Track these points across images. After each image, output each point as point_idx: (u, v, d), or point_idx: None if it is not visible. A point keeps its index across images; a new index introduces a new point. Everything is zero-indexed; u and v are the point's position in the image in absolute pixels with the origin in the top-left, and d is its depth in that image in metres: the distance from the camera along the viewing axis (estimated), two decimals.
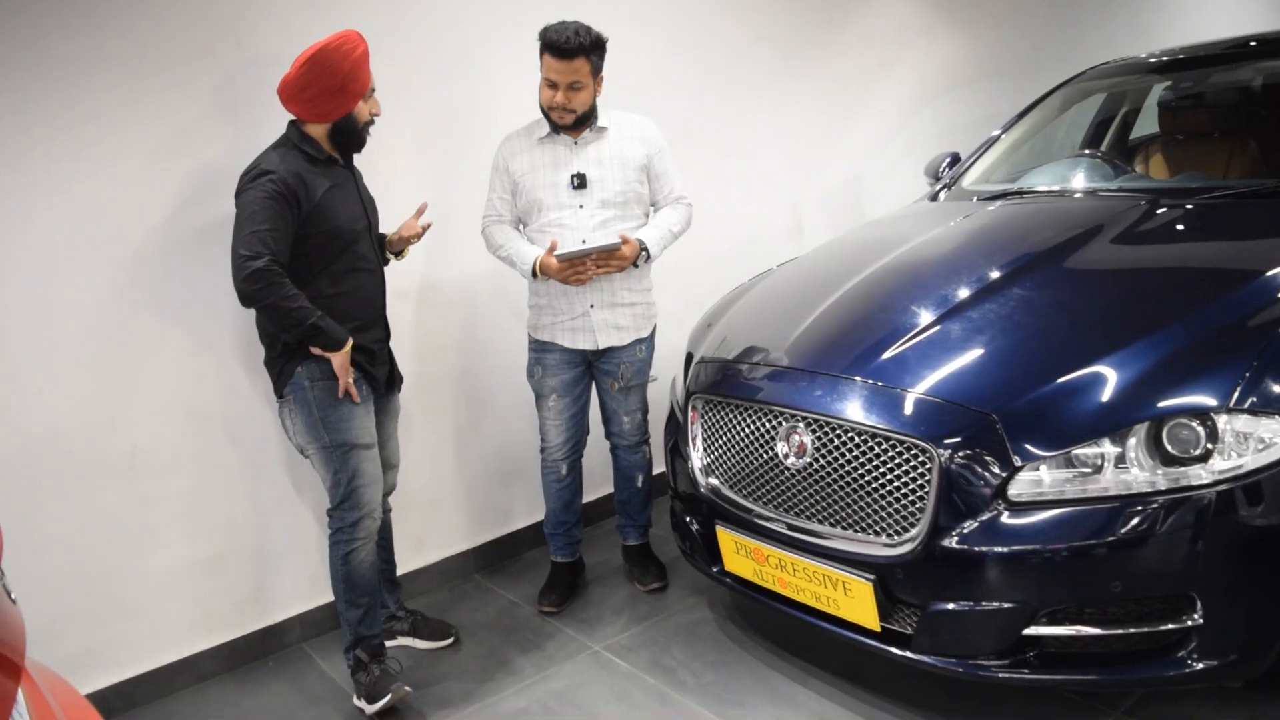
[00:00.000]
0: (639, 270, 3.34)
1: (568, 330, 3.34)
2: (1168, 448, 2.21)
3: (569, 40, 3.05)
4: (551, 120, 3.21)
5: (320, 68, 2.75)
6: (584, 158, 3.25)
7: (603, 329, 3.32)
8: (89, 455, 3.04)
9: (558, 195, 3.24)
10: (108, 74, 2.94)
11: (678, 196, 3.40)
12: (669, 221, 3.35)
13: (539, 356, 3.42)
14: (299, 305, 2.73)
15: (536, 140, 3.27)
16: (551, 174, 3.24)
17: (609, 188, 3.25)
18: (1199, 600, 2.19)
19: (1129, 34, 6.37)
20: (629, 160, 3.27)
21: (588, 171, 3.23)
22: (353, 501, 2.96)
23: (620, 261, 3.21)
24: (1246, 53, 3.79)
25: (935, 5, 5.35)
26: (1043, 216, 3.27)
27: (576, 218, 3.24)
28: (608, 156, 3.26)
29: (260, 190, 2.71)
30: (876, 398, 2.52)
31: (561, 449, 3.48)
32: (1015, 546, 2.26)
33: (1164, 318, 2.47)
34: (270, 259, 2.68)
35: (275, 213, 2.71)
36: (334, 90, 2.79)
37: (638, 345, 3.41)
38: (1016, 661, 2.33)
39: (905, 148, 5.23)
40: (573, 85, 3.12)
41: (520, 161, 3.27)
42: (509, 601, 3.65)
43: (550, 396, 3.42)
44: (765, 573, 2.74)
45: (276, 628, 3.46)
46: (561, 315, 3.33)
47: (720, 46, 4.43)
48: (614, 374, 3.41)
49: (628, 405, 3.48)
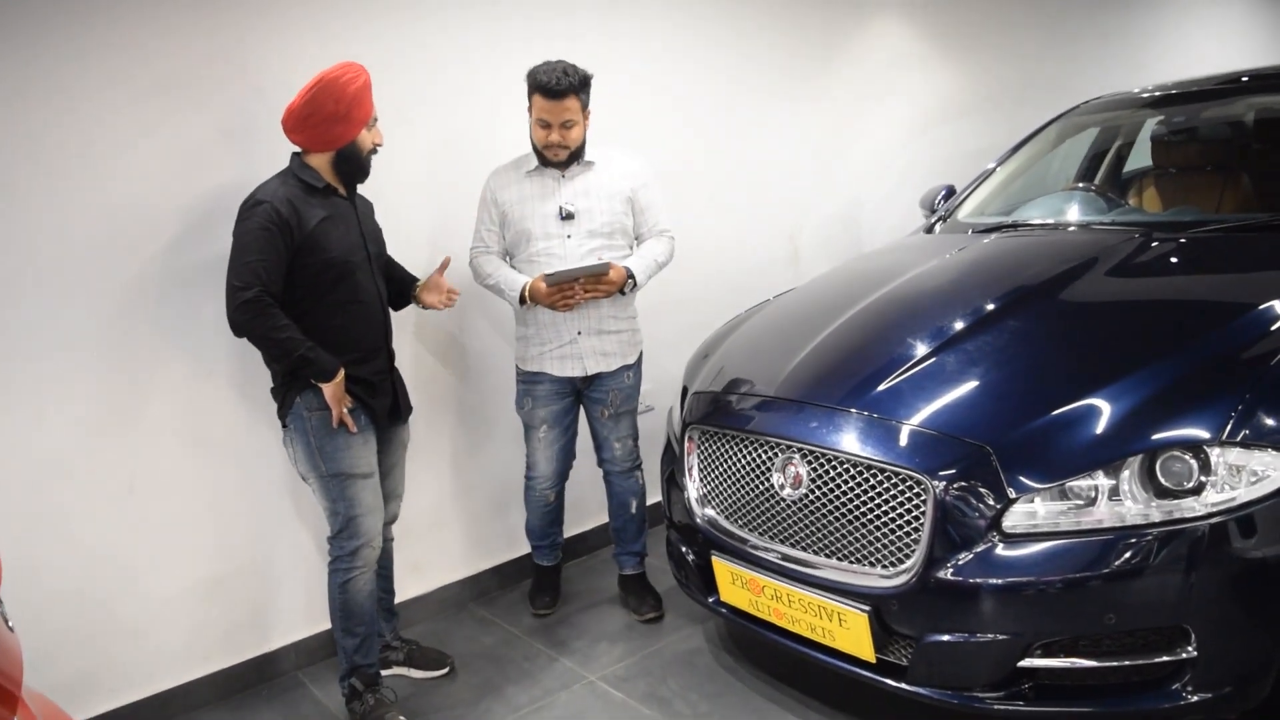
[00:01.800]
0: (625, 298, 3.42)
1: (556, 358, 3.39)
2: (1161, 480, 2.22)
3: (559, 81, 3.15)
4: (543, 156, 3.29)
5: (324, 96, 2.78)
6: (571, 190, 3.33)
7: (590, 355, 3.38)
8: (88, 479, 3.04)
9: (546, 226, 3.31)
10: (112, 100, 2.96)
11: (661, 229, 3.50)
12: (654, 252, 3.44)
13: (529, 388, 3.48)
14: (287, 336, 2.76)
15: (525, 173, 3.35)
16: (540, 205, 3.31)
17: (596, 219, 3.33)
18: (1193, 633, 2.19)
19: (1123, 68, 6.43)
20: (615, 193, 3.36)
21: (575, 203, 3.31)
22: (351, 530, 2.96)
23: (608, 286, 3.28)
24: (1238, 88, 3.83)
25: (931, 38, 5.40)
26: (1037, 249, 3.30)
27: (565, 247, 3.31)
28: (594, 189, 3.34)
29: (253, 221, 2.76)
30: (872, 429, 2.53)
31: (550, 479, 3.56)
32: (1010, 578, 2.27)
33: (1157, 350, 2.48)
34: (260, 289, 2.72)
35: (265, 243, 2.74)
36: (337, 118, 2.82)
37: (625, 372, 3.47)
38: (1011, 693, 2.33)
39: (901, 178, 5.26)
40: (565, 124, 3.21)
41: (509, 194, 3.34)
42: (505, 631, 3.64)
43: (540, 428, 3.48)
44: (761, 603, 2.74)
45: (272, 655, 3.45)
46: (549, 344, 3.38)
47: (718, 77, 4.47)
48: (604, 401, 3.46)
49: (618, 431, 3.53)
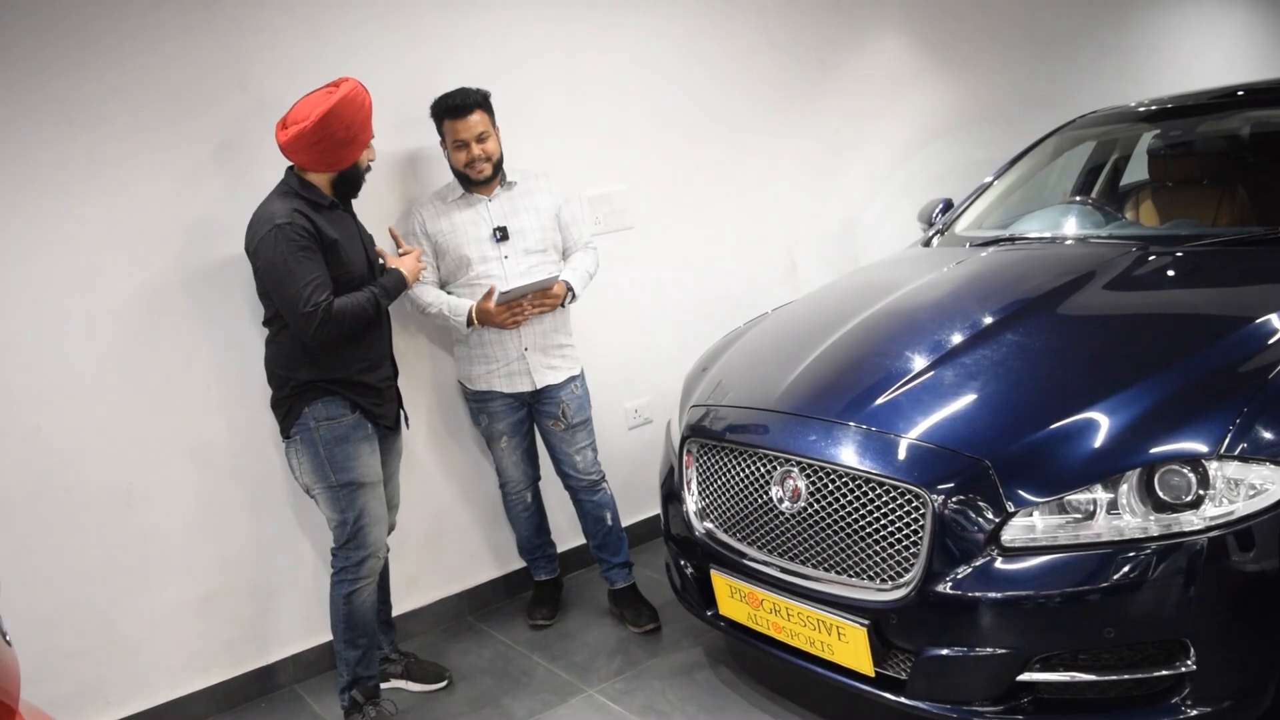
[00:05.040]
0: (564, 312, 3.51)
1: (503, 376, 3.46)
2: (1159, 494, 2.22)
3: (463, 99, 3.28)
4: (468, 179, 3.36)
5: (336, 121, 2.81)
6: (501, 211, 3.42)
7: (539, 370, 3.47)
8: (86, 492, 3.05)
9: (482, 249, 3.38)
10: (113, 115, 2.98)
11: (586, 242, 3.61)
12: (584, 265, 3.55)
13: (481, 406, 3.55)
14: (359, 308, 2.86)
15: (451, 202, 3.43)
16: (473, 230, 3.39)
17: (529, 237, 3.42)
18: (1192, 646, 2.19)
19: (1119, 82, 6.45)
20: (542, 209, 3.47)
21: (507, 224, 3.40)
22: (358, 541, 2.97)
23: (553, 300, 3.37)
24: (1234, 102, 3.84)
25: (928, 52, 5.42)
26: (1035, 263, 3.30)
27: (504, 268, 3.39)
28: (522, 209, 3.44)
29: (286, 245, 2.76)
30: (870, 443, 2.53)
31: (522, 481, 3.65)
32: (1009, 592, 2.26)
33: (1155, 364, 2.48)
34: (326, 304, 2.78)
35: (307, 260, 2.78)
36: (346, 142, 2.86)
37: (573, 382, 3.55)
38: (1011, 707, 2.32)
39: (900, 191, 5.28)
40: (480, 136, 3.30)
41: (440, 224, 3.40)
42: (503, 644, 3.64)
43: (502, 439, 3.57)
44: (759, 617, 2.74)
45: (270, 668, 3.44)
46: (496, 363, 3.45)
47: (716, 89, 4.49)
48: (555, 414, 3.52)
49: (576, 443, 3.56)
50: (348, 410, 2.93)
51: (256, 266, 2.84)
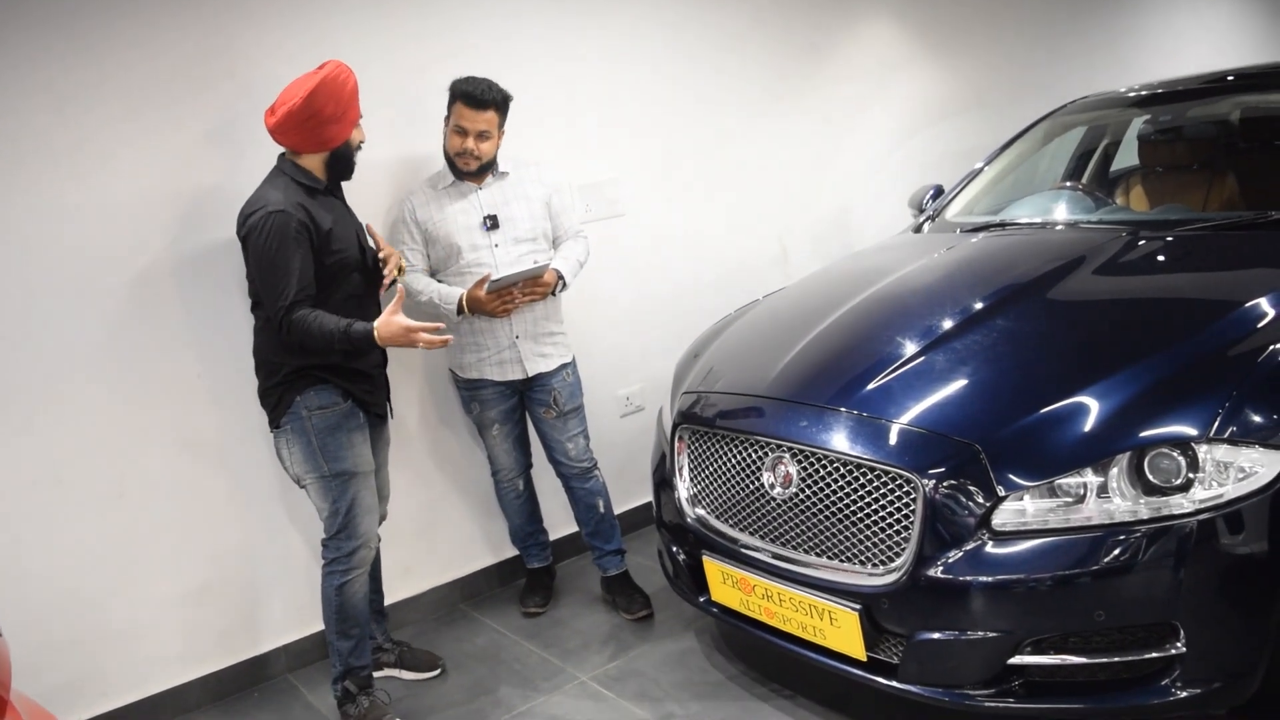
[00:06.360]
0: (555, 301, 3.50)
1: (495, 364, 3.45)
2: (1149, 477, 2.23)
3: (483, 93, 3.24)
4: (456, 167, 3.34)
5: (323, 98, 2.79)
6: (491, 200, 3.40)
7: (530, 358, 3.45)
8: (78, 484, 3.04)
9: (473, 237, 3.37)
10: (103, 102, 2.96)
11: (576, 231, 3.59)
12: (575, 253, 3.53)
13: (473, 394, 3.55)
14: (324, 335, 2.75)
15: (442, 190, 3.41)
16: (464, 218, 3.38)
17: (520, 225, 3.41)
18: (1182, 629, 2.20)
19: (1109, 68, 6.45)
20: (533, 198, 3.45)
21: (497, 212, 3.39)
22: (350, 531, 2.97)
23: (543, 288, 3.36)
24: (1224, 87, 3.84)
25: (919, 38, 5.42)
26: (1025, 248, 3.31)
27: (494, 256, 3.37)
28: (513, 197, 3.42)
29: (281, 232, 2.74)
30: (861, 428, 2.54)
31: (514, 469, 3.66)
32: (999, 576, 2.27)
33: (1145, 348, 2.49)
34: (300, 301, 2.74)
35: (294, 252, 2.75)
36: (335, 118, 2.84)
37: (564, 370, 3.55)
38: (1002, 691, 2.33)
39: (891, 178, 5.28)
40: (481, 135, 3.28)
41: (429, 211, 3.39)
42: (495, 632, 3.64)
43: (493, 426, 3.57)
44: (752, 602, 2.75)
45: (263, 658, 3.44)
46: (487, 350, 3.44)
47: (707, 76, 4.48)
48: (547, 401, 3.51)
49: (568, 431, 3.56)
50: (340, 399, 2.92)
51: (246, 250, 2.83)
